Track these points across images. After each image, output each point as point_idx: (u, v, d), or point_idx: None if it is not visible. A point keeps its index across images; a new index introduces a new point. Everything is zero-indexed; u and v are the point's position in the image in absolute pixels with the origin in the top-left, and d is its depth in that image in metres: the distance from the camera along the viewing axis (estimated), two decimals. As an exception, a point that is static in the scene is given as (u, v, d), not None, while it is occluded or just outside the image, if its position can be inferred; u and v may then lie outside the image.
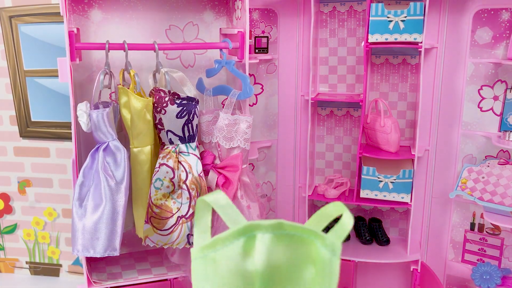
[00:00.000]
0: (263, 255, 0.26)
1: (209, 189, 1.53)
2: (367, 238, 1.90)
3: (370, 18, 1.61)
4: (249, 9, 1.55)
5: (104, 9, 1.64)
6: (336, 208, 0.29)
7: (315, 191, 1.91)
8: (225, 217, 0.28)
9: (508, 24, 1.64)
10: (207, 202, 0.29)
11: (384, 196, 1.72)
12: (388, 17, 1.60)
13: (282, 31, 1.83)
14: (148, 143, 1.47)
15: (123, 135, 1.53)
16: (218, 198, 0.29)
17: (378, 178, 1.71)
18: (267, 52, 1.81)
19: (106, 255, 1.43)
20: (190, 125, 1.47)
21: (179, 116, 1.44)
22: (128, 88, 1.43)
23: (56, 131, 1.81)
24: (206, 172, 1.53)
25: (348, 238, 1.94)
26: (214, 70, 1.59)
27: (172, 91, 1.45)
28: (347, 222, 0.28)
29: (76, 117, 1.42)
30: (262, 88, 1.86)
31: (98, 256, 1.42)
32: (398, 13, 1.59)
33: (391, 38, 1.61)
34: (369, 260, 1.80)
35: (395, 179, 1.69)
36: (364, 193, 1.74)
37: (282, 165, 1.97)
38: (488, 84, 1.70)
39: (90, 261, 1.63)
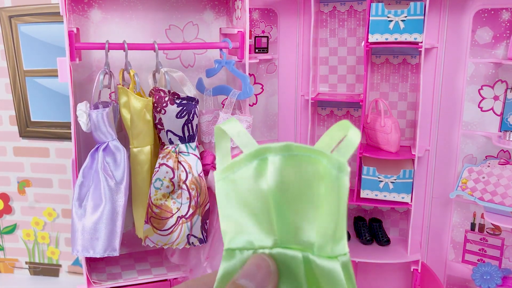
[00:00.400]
0: (274, 174, 0.28)
1: (209, 189, 1.53)
2: (367, 238, 1.90)
3: (370, 18, 1.61)
4: (249, 9, 1.55)
5: (104, 9, 1.64)
6: (341, 126, 0.30)
7: (315, 191, 1.91)
8: (239, 142, 0.31)
9: (508, 24, 1.63)
10: (223, 129, 0.31)
11: (385, 196, 1.72)
12: (388, 17, 1.59)
13: (282, 31, 1.83)
14: (148, 143, 1.47)
15: (123, 135, 1.53)
16: (232, 126, 0.31)
17: (378, 178, 1.70)
18: (267, 52, 1.81)
19: (106, 256, 1.43)
20: (190, 125, 1.47)
21: (179, 116, 1.44)
22: (128, 88, 1.43)
23: (55, 131, 1.81)
24: (206, 172, 1.53)
25: (348, 238, 1.93)
26: (214, 70, 1.58)
27: (172, 91, 1.45)
28: (354, 138, 0.29)
29: (75, 117, 1.42)
30: (262, 88, 1.86)
31: (98, 256, 1.42)
32: (398, 13, 1.59)
33: (391, 38, 1.61)
34: (369, 260, 1.80)
35: (395, 179, 1.69)
36: (364, 193, 1.74)
37: (282, 165, 1.97)
38: (489, 84, 1.69)
39: (90, 261, 1.63)
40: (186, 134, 1.47)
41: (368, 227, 1.93)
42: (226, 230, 0.32)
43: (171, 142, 1.47)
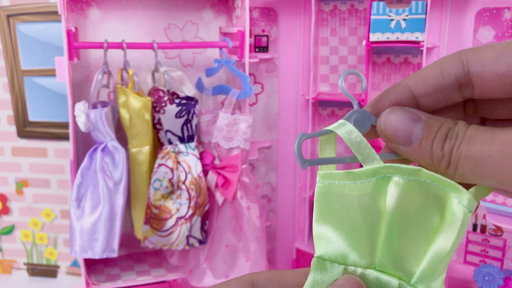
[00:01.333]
0: (396, 197, 0.27)
1: (209, 190, 1.52)
2: (368, 239, 1.89)
3: (371, 17, 1.59)
4: (249, 7, 1.54)
5: (102, 8, 1.62)
6: None
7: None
8: (359, 153, 0.28)
9: (510, 23, 1.62)
10: (333, 134, 0.29)
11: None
12: (389, 16, 1.58)
13: (283, 30, 1.81)
14: (147, 143, 1.46)
15: (121, 135, 1.52)
16: (349, 132, 0.28)
17: (380, 178, 1.69)
18: (267, 51, 1.80)
19: (105, 257, 1.42)
20: (189, 125, 1.46)
21: (178, 115, 1.43)
22: (127, 88, 1.42)
23: (54, 131, 1.80)
24: (205, 173, 1.52)
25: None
26: (214, 69, 1.57)
27: (171, 91, 1.44)
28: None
29: (74, 117, 1.41)
30: (262, 87, 1.85)
31: (96, 257, 1.41)
32: (399, 12, 1.57)
33: (392, 37, 1.59)
34: (370, 261, 1.79)
35: (396, 180, 1.68)
36: (365, 194, 1.73)
37: (282, 165, 1.96)
38: (491, 84, 1.68)
39: (88, 262, 1.62)
40: (186, 134, 1.46)
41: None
42: (320, 236, 0.30)
43: (170, 142, 1.46)
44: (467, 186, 0.29)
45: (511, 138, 0.24)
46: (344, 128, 0.29)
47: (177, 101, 1.42)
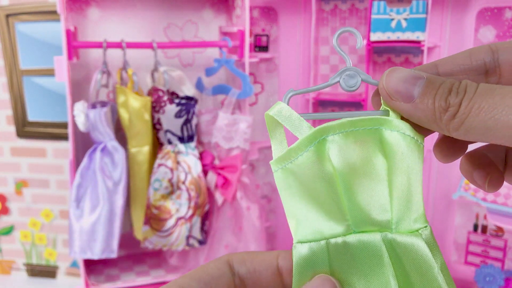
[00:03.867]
0: (338, 155, 0.27)
1: (208, 190, 1.51)
2: (369, 239, 1.88)
3: (372, 16, 1.59)
4: (249, 7, 1.53)
5: (102, 7, 1.62)
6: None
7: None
8: (290, 126, 0.28)
9: (511, 23, 1.61)
10: (272, 116, 0.29)
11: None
12: (390, 15, 1.58)
13: (283, 30, 1.81)
14: (146, 143, 1.45)
15: (121, 135, 1.51)
16: (280, 109, 0.28)
17: (380, 178, 1.69)
18: (267, 51, 1.79)
19: (104, 257, 1.41)
20: (189, 124, 1.45)
21: (178, 115, 1.42)
22: (126, 87, 1.41)
23: (53, 131, 1.79)
24: (205, 173, 1.51)
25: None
26: (214, 69, 1.56)
27: (170, 91, 1.43)
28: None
29: (73, 116, 1.40)
30: (262, 87, 1.84)
31: (96, 258, 1.41)
32: (400, 11, 1.57)
33: (393, 36, 1.59)
34: (370, 262, 1.78)
35: (397, 180, 1.67)
36: (365, 194, 1.72)
37: (283, 165, 1.95)
38: (492, 84, 1.68)
39: (88, 263, 1.61)
40: (185, 134, 1.45)
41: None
42: (291, 222, 0.29)
43: (169, 142, 1.45)
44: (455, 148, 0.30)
45: None
46: (275, 108, 0.29)
47: (176, 101, 1.42)
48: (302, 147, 0.28)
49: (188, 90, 1.51)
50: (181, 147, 1.46)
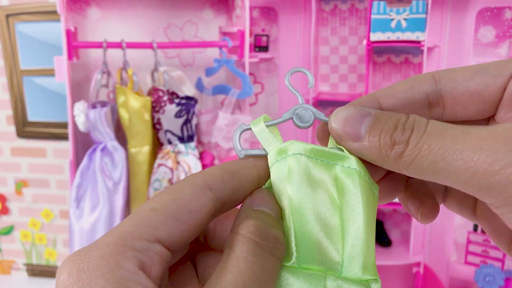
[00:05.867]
0: (295, 178, 0.25)
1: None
2: (369, 239, 1.88)
3: (372, 16, 1.59)
4: (249, 7, 1.53)
5: (102, 7, 1.62)
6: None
7: (316, 192, 1.89)
8: (263, 142, 0.28)
9: (511, 23, 1.61)
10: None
11: (386, 197, 1.70)
12: (390, 15, 1.57)
13: (283, 30, 1.81)
14: (146, 143, 1.45)
15: (121, 135, 1.51)
16: (256, 124, 0.28)
17: (380, 178, 1.69)
18: (267, 51, 1.79)
19: (104, 257, 1.41)
20: (189, 124, 1.45)
21: (177, 115, 1.42)
22: (126, 87, 1.41)
23: (53, 131, 1.79)
24: (205, 173, 1.51)
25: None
26: (214, 69, 1.56)
27: (170, 91, 1.43)
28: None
29: (73, 116, 1.40)
30: (262, 87, 1.84)
31: (96, 258, 1.40)
32: (400, 11, 1.57)
33: (393, 36, 1.59)
34: (370, 261, 1.78)
35: (397, 180, 1.67)
36: (365, 194, 1.72)
37: (283, 165, 1.95)
38: (492, 84, 1.68)
39: (88, 263, 1.61)
40: (185, 134, 1.45)
41: (369, 228, 1.91)
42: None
43: (169, 142, 1.45)
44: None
45: (486, 135, 0.22)
46: (254, 123, 0.28)
47: (176, 101, 1.42)
48: (271, 161, 0.27)
49: (188, 90, 1.51)
50: (181, 147, 1.46)
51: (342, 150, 0.27)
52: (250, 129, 0.29)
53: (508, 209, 0.22)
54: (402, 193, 0.31)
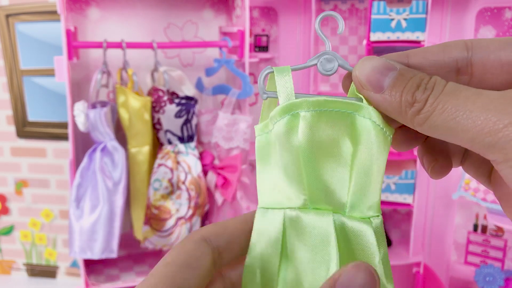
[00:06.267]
0: (305, 131, 0.27)
1: (208, 190, 1.51)
2: (369, 239, 1.88)
3: (372, 16, 1.59)
4: (249, 7, 1.53)
5: (102, 7, 1.62)
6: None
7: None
8: (282, 92, 0.29)
9: (511, 23, 1.61)
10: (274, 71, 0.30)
11: (386, 197, 1.70)
12: (390, 15, 1.57)
13: (283, 30, 1.81)
14: (146, 143, 1.45)
15: (121, 135, 1.51)
16: (283, 72, 0.29)
17: (380, 178, 1.69)
18: (267, 51, 1.79)
19: (104, 257, 1.41)
20: (189, 124, 1.45)
21: (177, 115, 1.42)
22: (126, 87, 1.41)
23: (53, 131, 1.79)
24: (205, 173, 1.51)
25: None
26: (214, 69, 1.56)
27: (170, 91, 1.43)
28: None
29: (73, 116, 1.40)
30: (262, 87, 1.84)
31: (96, 258, 1.41)
32: (400, 11, 1.57)
33: (393, 36, 1.59)
34: (370, 261, 1.78)
35: (397, 180, 1.67)
36: (365, 194, 1.72)
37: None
38: (492, 84, 1.68)
39: (88, 263, 1.61)
40: (185, 134, 1.45)
41: (369, 228, 1.91)
42: (260, 188, 0.31)
43: (169, 142, 1.45)
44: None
45: (497, 98, 0.24)
46: (281, 72, 0.30)
47: (176, 101, 1.42)
48: (277, 116, 0.28)
49: (188, 90, 1.51)
50: (181, 147, 1.46)
51: (362, 100, 0.28)
52: (272, 72, 0.30)
53: (507, 164, 0.23)
54: (421, 145, 0.31)
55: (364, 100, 0.28)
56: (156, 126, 1.44)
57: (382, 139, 0.27)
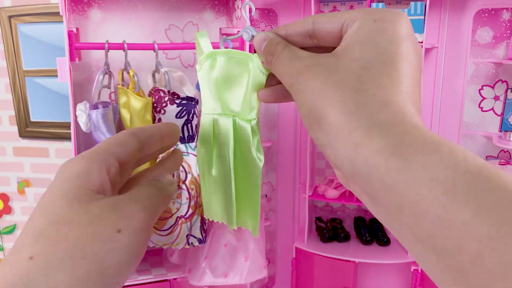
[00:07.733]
0: (219, 69, 0.46)
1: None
2: (368, 238, 1.89)
3: (371, 18, 1.60)
4: (249, 8, 1.54)
5: (103, 9, 1.63)
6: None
7: (315, 192, 1.91)
8: (204, 46, 0.47)
9: (509, 24, 1.63)
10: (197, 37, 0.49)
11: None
12: (388, 17, 1.59)
13: (282, 31, 1.82)
14: (147, 143, 1.47)
15: (122, 135, 1.53)
16: (202, 36, 0.48)
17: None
18: (267, 52, 1.80)
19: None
20: (189, 125, 1.47)
21: (178, 116, 1.44)
22: (127, 88, 1.43)
23: (55, 131, 1.81)
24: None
25: (348, 238, 1.94)
26: (214, 70, 1.58)
27: (171, 91, 1.45)
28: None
29: (75, 117, 1.42)
30: (262, 88, 1.85)
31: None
32: (398, 13, 1.58)
33: (391, 37, 1.60)
34: (369, 260, 1.80)
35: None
36: (364, 194, 1.74)
37: (282, 165, 1.97)
38: (489, 84, 1.69)
39: (90, 261, 1.63)
40: (186, 134, 1.47)
41: (368, 227, 1.93)
42: (202, 101, 0.49)
43: (170, 142, 1.47)
44: None
45: (305, 56, 0.37)
46: (203, 35, 0.49)
47: (177, 101, 1.43)
48: (204, 59, 0.46)
49: (188, 90, 1.53)
50: (181, 147, 1.47)
51: (254, 53, 0.44)
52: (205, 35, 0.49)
53: (292, 89, 0.37)
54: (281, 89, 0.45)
55: (256, 54, 0.43)
56: (157, 126, 1.46)
57: (260, 75, 0.43)
